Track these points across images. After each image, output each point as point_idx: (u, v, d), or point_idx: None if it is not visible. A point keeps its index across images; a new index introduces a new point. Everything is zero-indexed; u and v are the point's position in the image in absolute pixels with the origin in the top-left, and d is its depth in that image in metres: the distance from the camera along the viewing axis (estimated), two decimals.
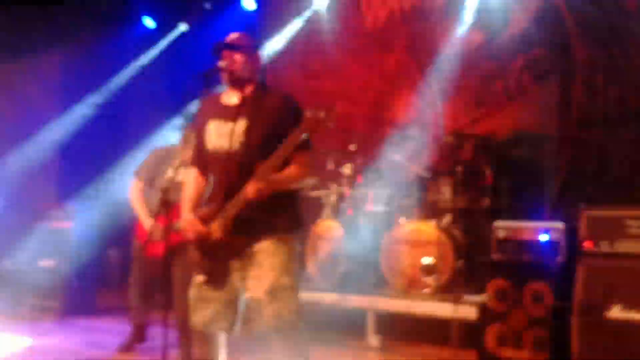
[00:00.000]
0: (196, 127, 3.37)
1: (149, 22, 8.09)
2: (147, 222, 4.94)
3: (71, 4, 7.69)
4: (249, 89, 3.27)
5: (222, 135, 3.23)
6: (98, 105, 7.94)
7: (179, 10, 7.85)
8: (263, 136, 3.13)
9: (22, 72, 8.09)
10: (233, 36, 3.30)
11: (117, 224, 6.87)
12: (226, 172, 3.19)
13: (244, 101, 3.24)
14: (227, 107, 3.27)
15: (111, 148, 7.18)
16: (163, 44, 8.23)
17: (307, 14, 7.41)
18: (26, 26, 7.53)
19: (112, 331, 6.08)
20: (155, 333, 4.98)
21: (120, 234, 6.92)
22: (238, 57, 3.22)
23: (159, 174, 4.91)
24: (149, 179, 5.02)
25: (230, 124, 3.22)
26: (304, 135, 2.95)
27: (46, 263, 6.81)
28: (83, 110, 7.90)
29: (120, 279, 7.55)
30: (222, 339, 3.29)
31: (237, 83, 3.25)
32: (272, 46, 7.40)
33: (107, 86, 8.04)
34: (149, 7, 7.88)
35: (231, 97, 3.29)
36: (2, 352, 5.32)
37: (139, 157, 5.70)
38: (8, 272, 7.00)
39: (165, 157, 5.02)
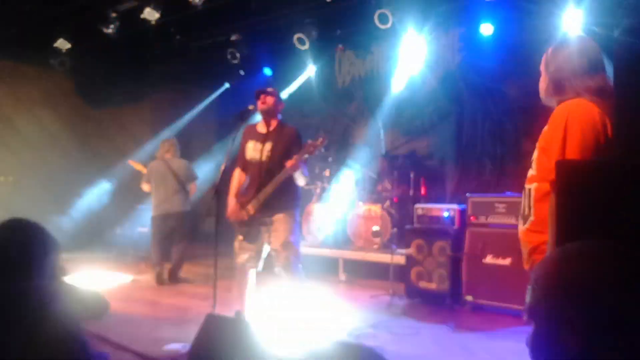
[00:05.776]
0: (241, 144, 3.33)
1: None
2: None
3: (156, 73, 7.67)
4: (274, 124, 3.27)
5: (256, 150, 3.24)
6: (177, 133, 7.90)
7: (224, 75, 7.81)
8: (280, 154, 3.14)
9: (126, 113, 8.04)
10: (268, 86, 3.29)
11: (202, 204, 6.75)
12: (257, 174, 3.19)
13: (269, 131, 3.25)
14: (259, 133, 3.28)
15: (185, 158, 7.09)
16: (213, 96, 8.22)
17: (302, 78, 7.40)
18: (126, 83, 7.49)
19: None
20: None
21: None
22: (270, 99, 3.20)
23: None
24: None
25: (260, 144, 3.23)
26: (305, 156, 3.00)
27: (142, 229, 6.78)
28: (165, 136, 7.86)
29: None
30: (253, 273, 3.30)
31: (268, 116, 3.22)
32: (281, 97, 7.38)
33: (181, 121, 8.02)
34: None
35: (262, 127, 3.29)
36: (115, 283, 5.28)
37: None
38: (118, 235, 6.94)
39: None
